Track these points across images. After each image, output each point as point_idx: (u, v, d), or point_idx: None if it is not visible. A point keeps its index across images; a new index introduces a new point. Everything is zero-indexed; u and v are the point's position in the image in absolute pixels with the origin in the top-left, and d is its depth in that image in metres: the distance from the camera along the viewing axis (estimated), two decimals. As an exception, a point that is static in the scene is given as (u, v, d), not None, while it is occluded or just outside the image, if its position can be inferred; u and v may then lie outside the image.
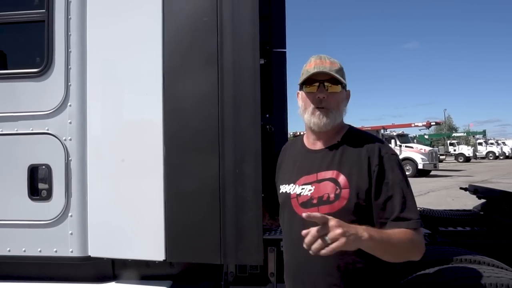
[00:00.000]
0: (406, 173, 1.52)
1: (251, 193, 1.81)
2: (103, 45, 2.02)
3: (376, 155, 1.45)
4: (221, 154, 1.84)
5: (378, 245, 1.30)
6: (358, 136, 1.56)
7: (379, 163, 1.43)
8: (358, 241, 1.23)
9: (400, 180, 1.43)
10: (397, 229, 1.37)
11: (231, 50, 1.86)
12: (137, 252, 1.96)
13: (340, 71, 1.53)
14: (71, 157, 2.01)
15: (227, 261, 1.84)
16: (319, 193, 1.47)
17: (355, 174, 1.44)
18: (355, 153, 1.48)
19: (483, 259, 2.16)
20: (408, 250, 1.39)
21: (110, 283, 2.07)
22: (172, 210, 1.89)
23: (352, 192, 1.42)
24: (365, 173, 1.43)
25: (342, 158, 1.49)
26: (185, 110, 1.90)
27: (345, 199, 1.42)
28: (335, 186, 1.45)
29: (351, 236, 1.20)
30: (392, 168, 1.44)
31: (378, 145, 1.49)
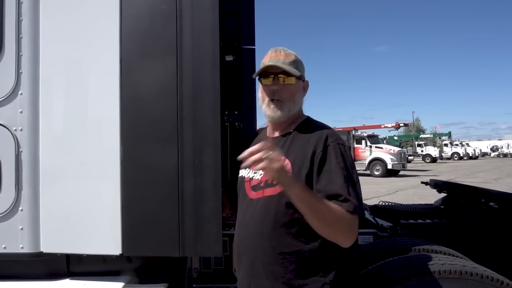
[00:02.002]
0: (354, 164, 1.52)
1: (210, 184, 1.78)
2: (57, 31, 1.93)
3: (322, 142, 1.47)
4: (180, 144, 1.80)
5: (307, 197, 1.35)
6: (311, 126, 1.59)
7: (323, 150, 1.45)
8: (288, 177, 1.33)
9: (341, 167, 1.42)
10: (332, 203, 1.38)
11: (190, 38, 1.82)
12: (92, 247, 1.89)
13: (294, 63, 1.57)
14: (21, 149, 1.91)
15: (186, 253, 1.79)
16: (266, 177, 1.49)
17: (299, 159, 1.48)
18: (303, 140, 1.52)
19: (440, 248, 2.22)
20: (336, 224, 1.37)
21: (64, 280, 1.98)
22: (129, 202, 1.83)
23: (292, 176, 1.41)
24: (308, 159, 1.46)
25: (291, 145, 1.54)
26: (142, 99, 1.85)
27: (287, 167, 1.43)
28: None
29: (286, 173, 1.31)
30: (336, 156, 1.44)
31: (326, 133, 1.51)
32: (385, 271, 1.96)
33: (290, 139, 1.57)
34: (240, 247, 1.62)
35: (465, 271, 1.81)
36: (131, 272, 2.03)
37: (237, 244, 1.65)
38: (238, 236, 1.65)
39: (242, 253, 1.60)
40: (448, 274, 1.80)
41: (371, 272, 2.04)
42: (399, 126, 24.37)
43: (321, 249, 1.47)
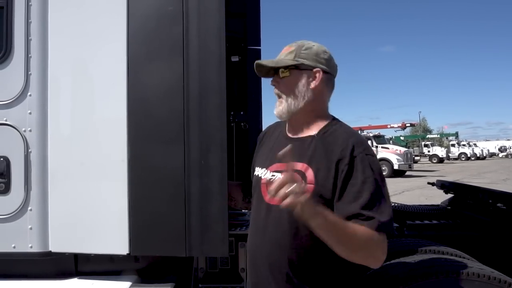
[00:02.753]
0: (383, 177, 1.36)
1: (216, 184, 1.79)
2: (65, 33, 1.95)
3: (348, 153, 1.32)
4: (187, 144, 1.81)
5: (330, 227, 1.22)
6: (337, 131, 1.44)
7: (349, 163, 1.31)
8: (311, 210, 1.19)
9: (368, 182, 1.29)
10: (357, 224, 1.26)
11: (196, 39, 1.84)
12: (100, 247, 1.91)
13: (291, 53, 1.45)
14: (31, 149, 1.93)
15: (192, 253, 1.81)
16: None
17: (323, 170, 1.35)
18: (328, 148, 1.37)
19: (446, 249, 2.21)
20: (363, 249, 1.27)
21: (73, 279, 2.00)
22: (136, 202, 1.84)
23: (316, 188, 1.34)
24: (332, 171, 1.33)
25: (315, 152, 1.39)
26: (149, 100, 1.87)
27: (308, 193, 1.29)
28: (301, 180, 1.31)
29: (309, 202, 1.18)
30: (363, 169, 1.30)
31: (353, 142, 1.36)
32: (391, 271, 1.96)
33: (313, 145, 1.41)
34: (256, 255, 1.52)
35: (472, 272, 1.80)
36: (138, 271, 2.05)
37: (251, 251, 1.56)
38: (252, 243, 1.56)
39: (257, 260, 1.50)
40: (455, 275, 1.79)
41: (377, 272, 2.03)
42: (405, 126, 24.26)
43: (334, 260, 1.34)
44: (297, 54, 1.44)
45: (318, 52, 1.46)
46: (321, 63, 1.45)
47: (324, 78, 1.45)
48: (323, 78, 1.45)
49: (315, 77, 1.44)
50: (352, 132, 1.45)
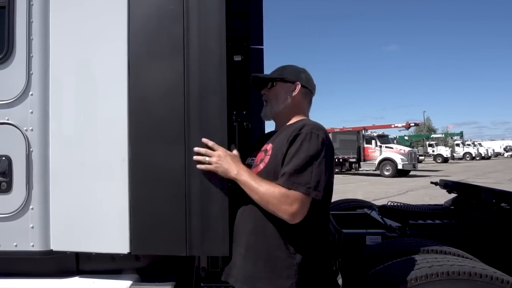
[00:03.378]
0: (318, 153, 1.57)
1: (217, 184, 1.78)
2: (66, 32, 1.96)
3: (297, 130, 1.62)
4: (187, 144, 1.81)
5: (242, 185, 1.62)
6: (300, 121, 1.75)
7: (295, 136, 1.60)
8: (226, 174, 1.67)
9: (300, 150, 1.56)
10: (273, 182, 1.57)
11: (197, 38, 1.83)
12: (101, 245, 1.91)
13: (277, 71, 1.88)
14: (32, 148, 1.94)
15: (193, 252, 1.80)
16: (256, 161, 1.77)
17: (278, 145, 1.67)
18: (288, 130, 1.68)
19: (449, 249, 2.20)
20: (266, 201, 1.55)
21: (74, 278, 2.01)
22: (137, 202, 1.84)
23: (270, 159, 1.67)
24: (285, 144, 1.62)
25: (279, 135, 1.75)
26: (150, 98, 1.86)
27: (264, 163, 1.68)
28: (263, 154, 1.73)
29: (219, 167, 1.67)
30: (302, 141, 1.58)
31: (306, 122, 1.67)
32: (392, 272, 1.95)
33: (280, 131, 1.80)
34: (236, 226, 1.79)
35: (474, 273, 1.78)
36: (139, 270, 2.05)
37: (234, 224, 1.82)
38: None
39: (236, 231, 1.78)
40: (457, 275, 1.78)
41: (378, 272, 2.03)
42: (409, 126, 24.11)
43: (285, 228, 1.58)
44: (283, 71, 1.86)
45: (300, 71, 1.86)
46: (301, 79, 1.83)
47: (303, 91, 1.83)
48: (301, 90, 1.82)
49: (295, 88, 1.81)
50: (313, 121, 1.73)
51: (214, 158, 1.67)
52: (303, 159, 1.54)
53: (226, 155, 1.68)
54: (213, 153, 1.69)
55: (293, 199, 1.50)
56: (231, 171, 1.63)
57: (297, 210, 1.50)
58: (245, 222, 1.71)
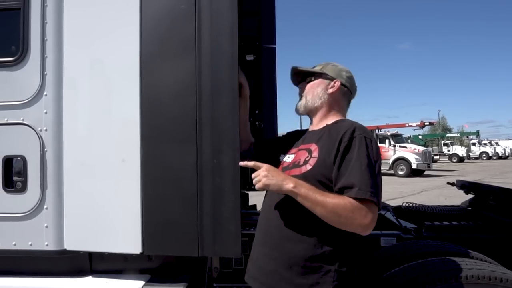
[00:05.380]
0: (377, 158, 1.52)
1: (229, 184, 1.77)
2: (79, 33, 1.97)
3: (348, 133, 1.53)
4: (199, 144, 1.80)
5: (303, 199, 1.45)
6: (345, 121, 1.68)
7: (349, 141, 1.51)
8: (280, 187, 1.47)
9: (362, 158, 1.47)
10: (338, 194, 1.45)
11: (209, 37, 1.82)
12: (113, 245, 1.92)
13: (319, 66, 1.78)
14: (46, 148, 1.96)
15: (205, 253, 1.79)
16: (295, 159, 1.65)
17: (326, 147, 1.56)
18: (334, 131, 1.60)
19: (467, 252, 2.14)
20: (338, 215, 1.42)
21: (87, 277, 2.02)
22: (149, 202, 1.84)
23: (318, 161, 1.55)
24: (334, 148, 1.52)
25: (323, 135, 1.63)
26: (162, 98, 1.86)
27: (311, 165, 1.56)
28: (308, 154, 1.61)
29: (272, 180, 1.47)
30: (359, 147, 1.49)
31: (355, 125, 1.57)
32: (409, 274, 1.90)
33: (323, 132, 1.66)
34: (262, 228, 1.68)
35: (494, 277, 1.73)
36: (152, 270, 2.05)
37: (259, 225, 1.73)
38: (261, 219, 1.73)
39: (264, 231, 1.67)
40: (476, 280, 1.72)
41: (394, 275, 1.98)
42: (424, 125, 23.76)
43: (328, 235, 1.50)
44: (325, 67, 1.76)
45: (342, 70, 1.76)
46: (342, 77, 1.74)
47: (342, 89, 1.73)
48: (341, 89, 1.73)
49: (334, 85, 1.72)
50: (357, 123, 1.64)
51: (263, 172, 1.50)
52: (367, 167, 1.45)
53: (274, 169, 1.53)
54: (259, 169, 1.52)
55: (367, 211, 1.41)
56: (287, 184, 1.46)
57: (371, 221, 1.43)
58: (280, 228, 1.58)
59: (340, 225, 1.45)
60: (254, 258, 1.67)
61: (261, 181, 1.48)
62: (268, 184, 1.47)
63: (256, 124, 4.79)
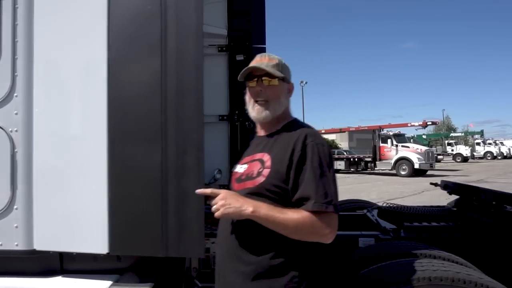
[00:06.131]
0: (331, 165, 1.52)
1: (193, 185, 1.77)
2: (50, 35, 1.98)
3: (300, 142, 1.51)
4: (164, 145, 1.81)
5: (263, 221, 1.44)
6: (295, 126, 1.63)
7: (301, 150, 1.49)
8: (239, 214, 1.44)
9: (314, 167, 1.46)
10: (297, 209, 1.44)
11: (174, 38, 1.83)
12: (81, 246, 1.92)
13: (277, 66, 1.63)
14: (17, 149, 1.97)
15: (169, 254, 1.80)
16: (248, 171, 1.60)
17: (279, 157, 1.53)
18: (285, 139, 1.57)
19: (439, 253, 2.13)
20: (299, 231, 1.43)
21: (57, 277, 2.03)
22: (115, 202, 1.85)
23: (271, 172, 1.51)
24: (287, 157, 1.50)
25: (275, 143, 1.60)
26: (129, 100, 1.87)
27: (264, 176, 1.52)
28: (261, 165, 1.56)
29: (230, 209, 1.43)
30: (311, 156, 1.48)
31: (306, 132, 1.55)
32: (376, 275, 1.90)
33: (274, 138, 1.62)
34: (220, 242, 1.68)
35: (458, 278, 1.71)
36: (123, 271, 2.06)
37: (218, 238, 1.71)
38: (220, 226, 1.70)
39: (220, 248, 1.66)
40: (439, 281, 1.71)
41: (363, 276, 1.98)
42: (426, 124, 23.62)
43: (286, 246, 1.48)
44: (281, 68, 1.65)
45: (289, 69, 1.71)
46: (290, 75, 1.71)
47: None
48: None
49: (290, 89, 1.70)
50: (307, 127, 1.62)
51: (220, 201, 1.46)
52: (321, 176, 1.45)
53: (231, 194, 1.49)
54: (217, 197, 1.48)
55: (327, 222, 1.42)
56: (246, 210, 1.43)
57: (331, 230, 1.44)
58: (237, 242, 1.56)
59: (302, 239, 1.46)
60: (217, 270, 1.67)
61: (219, 211, 1.45)
62: (227, 213, 1.45)
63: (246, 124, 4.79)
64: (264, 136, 1.67)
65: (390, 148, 22.49)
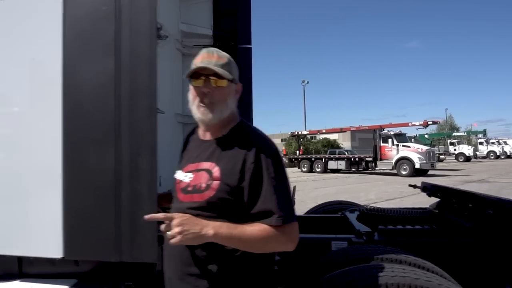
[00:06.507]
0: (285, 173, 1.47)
1: (145, 188, 1.74)
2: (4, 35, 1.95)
3: (253, 153, 1.41)
4: (117, 147, 1.77)
5: (226, 241, 1.36)
6: (244, 132, 1.53)
7: (255, 161, 1.40)
8: (200, 238, 1.33)
9: (272, 179, 1.39)
10: (256, 224, 1.37)
11: (128, 39, 1.79)
12: (37, 250, 1.90)
13: (227, 66, 1.51)
14: (-27, 151, 1.95)
15: (123, 258, 1.76)
16: (195, 182, 1.47)
17: (229, 168, 1.42)
18: (234, 148, 1.46)
19: (406, 258, 2.07)
20: (265, 245, 1.40)
21: (14, 282, 2.00)
22: (69, 206, 1.83)
23: (221, 185, 1.41)
24: (237, 169, 1.41)
25: (222, 152, 1.48)
26: (83, 101, 1.84)
27: (214, 190, 1.41)
28: (209, 177, 1.44)
29: (189, 235, 1.31)
30: (266, 168, 1.40)
31: (258, 143, 1.45)
32: (336, 280, 1.85)
33: (221, 146, 1.50)
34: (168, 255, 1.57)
35: (415, 285, 1.66)
36: (81, 275, 2.03)
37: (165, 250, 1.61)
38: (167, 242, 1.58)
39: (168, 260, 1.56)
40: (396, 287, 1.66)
41: (326, 280, 1.94)
42: (427, 124, 23.41)
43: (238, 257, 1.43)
44: (230, 68, 1.53)
45: (237, 68, 1.59)
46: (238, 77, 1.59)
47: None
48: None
49: (238, 90, 1.58)
50: (258, 133, 1.53)
51: (177, 228, 1.33)
52: (280, 188, 1.40)
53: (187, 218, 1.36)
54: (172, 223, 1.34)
55: (290, 233, 1.40)
56: (206, 233, 1.34)
57: (295, 240, 1.41)
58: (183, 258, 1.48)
59: (267, 251, 1.44)
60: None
61: (176, 238, 1.31)
62: (185, 240, 1.33)
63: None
64: (210, 141, 1.54)
65: (391, 147, 22.35)
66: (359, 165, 23.97)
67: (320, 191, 15.57)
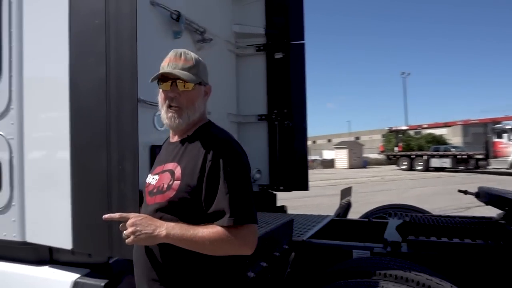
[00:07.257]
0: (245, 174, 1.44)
1: (130, 190, 1.84)
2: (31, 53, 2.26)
3: (212, 152, 1.42)
4: (108, 150, 1.91)
5: (179, 242, 1.36)
6: (207, 133, 1.53)
7: (212, 160, 1.40)
8: (152, 239, 1.37)
9: (227, 178, 1.38)
10: (210, 225, 1.36)
11: (114, 48, 1.91)
12: (56, 240, 2.15)
13: (194, 68, 1.51)
14: (13, 154, 2.29)
15: (114, 254, 1.89)
16: (159, 183, 1.51)
17: (189, 168, 1.44)
18: (196, 148, 1.47)
19: (415, 277, 1.80)
20: (217, 248, 1.37)
21: (45, 267, 2.30)
22: (75, 203, 2.02)
23: (181, 184, 1.43)
24: (197, 168, 1.42)
25: (185, 152, 1.50)
26: (84, 108, 2.02)
27: (174, 190, 1.43)
28: (171, 177, 1.47)
29: (141, 235, 1.36)
30: (224, 166, 1.39)
31: (218, 142, 1.46)
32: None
33: (185, 146, 1.52)
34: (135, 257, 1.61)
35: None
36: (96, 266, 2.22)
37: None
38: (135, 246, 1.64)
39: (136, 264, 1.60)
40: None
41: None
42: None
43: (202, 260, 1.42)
44: (197, 71, 1.52)
45: (206, 68, 1.59)
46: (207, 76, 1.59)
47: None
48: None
49: (207, 92, 1.59)
50: (222, 133, 1.54)
51: (130, 228, 1.39)
52: (235, 188, 1.39)
53: (141, 219, 1.41)
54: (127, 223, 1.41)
55: (244, 235, 1.37)
56: (159, 234, 1.36)
57: (249, 243, 1.39)
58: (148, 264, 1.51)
59: (221, 254, 1.41)
60: None
61: (129, 239, 1.37)
62: (138, 241, 1.38)
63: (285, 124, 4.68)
64: (177, 143, 1.57)
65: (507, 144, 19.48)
66: (467, 163, 21.42)
67: (415, 191, 14.37)
